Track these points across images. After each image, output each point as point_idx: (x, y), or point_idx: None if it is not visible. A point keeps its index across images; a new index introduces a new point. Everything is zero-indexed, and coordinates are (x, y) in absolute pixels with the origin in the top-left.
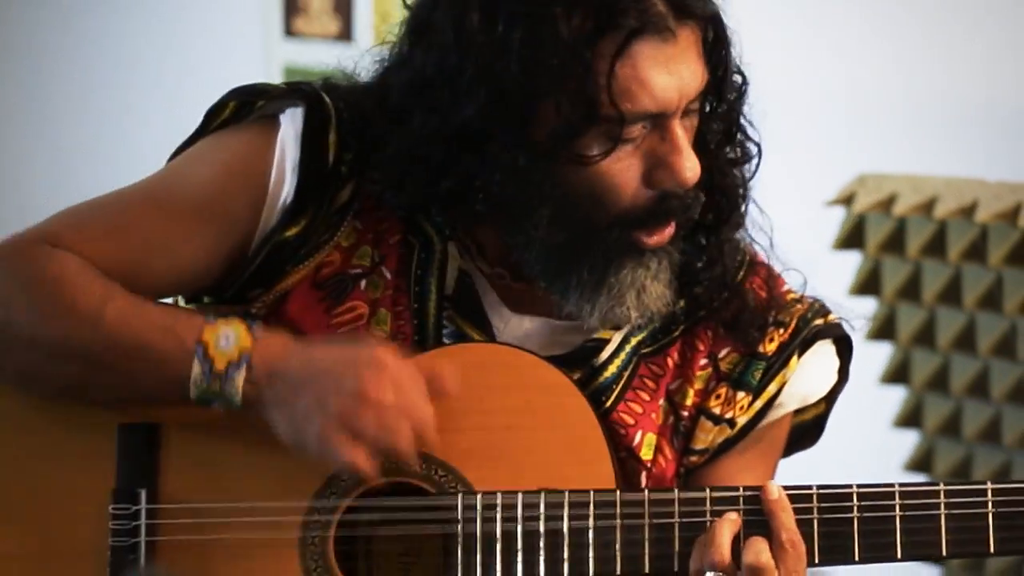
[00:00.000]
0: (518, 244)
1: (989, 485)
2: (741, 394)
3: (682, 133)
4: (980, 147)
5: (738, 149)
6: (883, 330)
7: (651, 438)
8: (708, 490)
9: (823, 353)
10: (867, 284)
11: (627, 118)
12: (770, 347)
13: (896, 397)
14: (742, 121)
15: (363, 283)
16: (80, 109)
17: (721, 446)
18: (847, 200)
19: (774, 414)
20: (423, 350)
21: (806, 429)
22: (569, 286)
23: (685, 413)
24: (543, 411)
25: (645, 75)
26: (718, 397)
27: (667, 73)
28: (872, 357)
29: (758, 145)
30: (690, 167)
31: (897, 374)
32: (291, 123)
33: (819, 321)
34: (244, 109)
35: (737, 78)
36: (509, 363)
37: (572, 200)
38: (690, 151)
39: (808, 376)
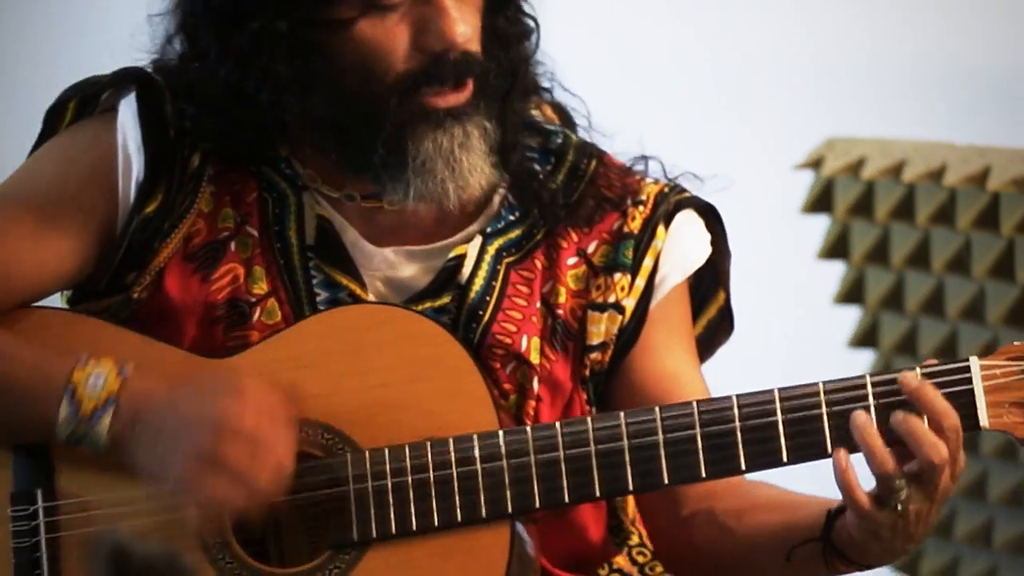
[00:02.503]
0: (316, 137)
1: (868, 377)
2: (618, 275)
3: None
4: (948, 110)
5: (511, 24)
6: (852, 294)
7: (536, 342)
8: (589, 420)
9: (690, 222)
10: (836, 248)
11: None
12: (634, 225)
13: (865, 361)
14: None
15: (233, 244)
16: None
17: (622, 339)
18: (815, 164)
19: (661, 291)
20: (298, 303)
21: (716, 324)
22: (376, 168)
23: (560, 312)
24: (420, 363)
25: None
26: (598, 288)
27: None
28: (841, 321)
29: (534, 20)
30: (460, 28)
31: (866, 338)
32: (128, 107)
33: (677, 196)
34: (88, 105)
35: None
36: (381, 320)
37: (344, 70)
38: (457, 13)
39: (681, 245)
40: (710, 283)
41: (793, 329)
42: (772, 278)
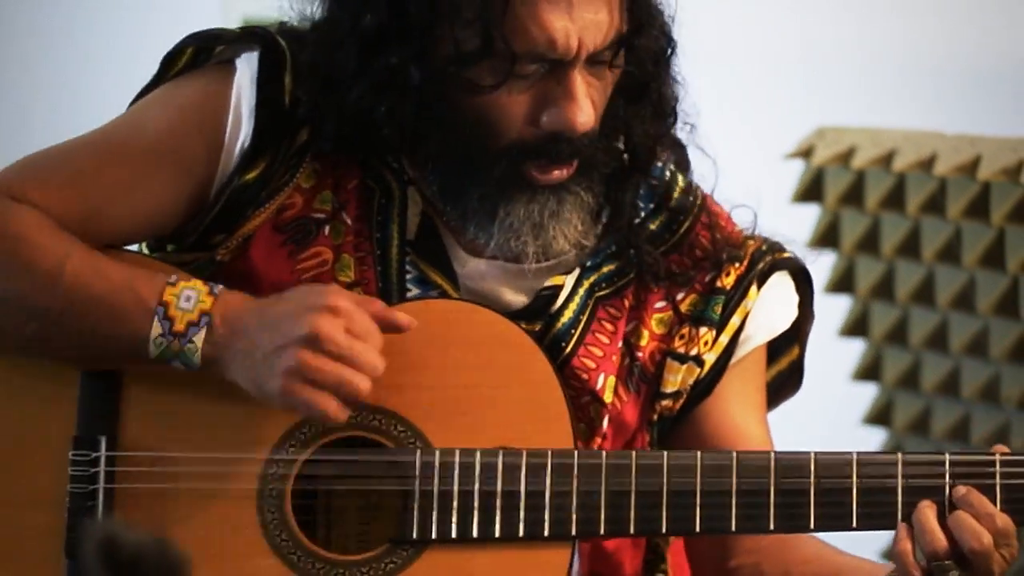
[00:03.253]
0: (422, 168)
1: (947, 456)
2: (704, 329)
3: (580, 82)
4: (939, 100)
5: (653, 106)
6: (842, 283)
7: (612, 381)
8: (665, 455)
9: (782, 285)
10: (826, 237)
11: (519, 56)
12: (727, 281)
13: (855, 350)
14: (663, 81)
15: (327, 229)
16: (37, 60)
17: (696, 389)
18: (806, 153)
19: (743, 349)
20: (387, 296)
21: (785, 377)
22: (466, 212)
23: (640, 355)
24: (504, 368)
25: (542, 17)
26: (682, 337)
27: (566, 18)
28: (831, 310)
29: (674, 104)
30: (582, 118)
31: (856, 327)
32: (247, 67)
33: (774, 255)
34: (201, 55)
35: (658, 35)
36: (471, 320)
37: (462, 124)
38: (585, 101)
39: (770, 307)
40: (787, 338)
41: None
42: None
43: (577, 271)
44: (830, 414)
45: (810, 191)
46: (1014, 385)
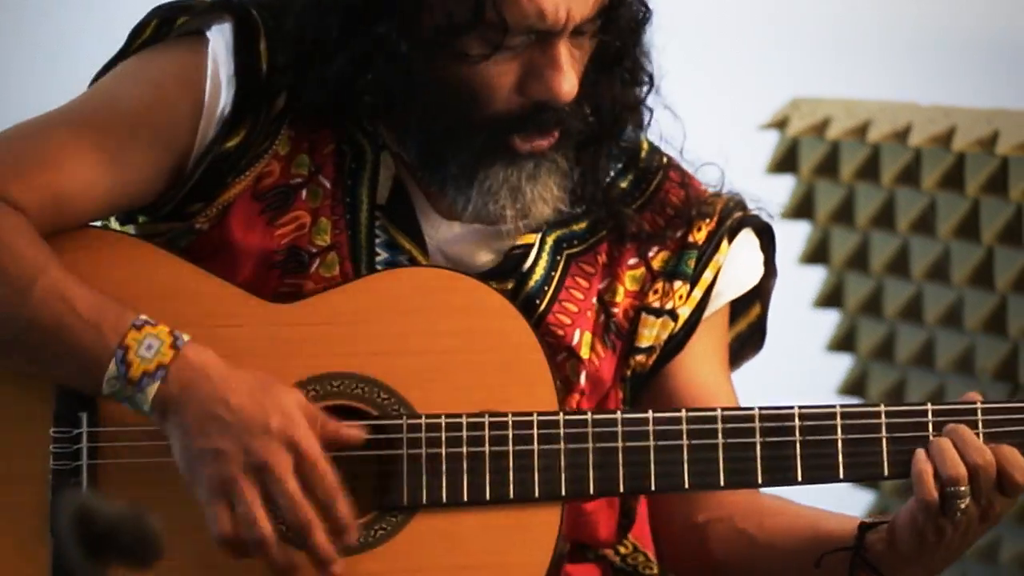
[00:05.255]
0: (401, 134)
1: (929, 406)
2: (678, 283)
3: (565, 52)
4: (914, 71)
5: (627, 74)
6: (816, 254)
7: (588, 337)
8: (651, 412)
9: (749, 242)
10: (801, 208)
11: (510, 28)
12: (699, 236)
13: (830, 321)
14: (637, 49)
15: (304, 192)
16: (9, 31)
17: (669, 345)
18: (781, 124)
19: (715, 304)
20: (357, 259)
21: (745, 337)
22: (445, 178)
23: (615, 311)
24: (484, 334)
25: None
26: (656, 292)
27: None
28: (807, 281)
29: (651, 76)
30: (567, 87)
31: (830, 298)
32: (221, 36)
33: (741, 212)
34: (164, 27)
35: (636, 3)
36: (450, 286)
37: (447, 94)
38: (570, 70)
39: (739, 263)
40: (748, 298)
41: None
42: None
43: (541, 228)
44: (805, 385)
45: (785, 162)
46: (989, 356)
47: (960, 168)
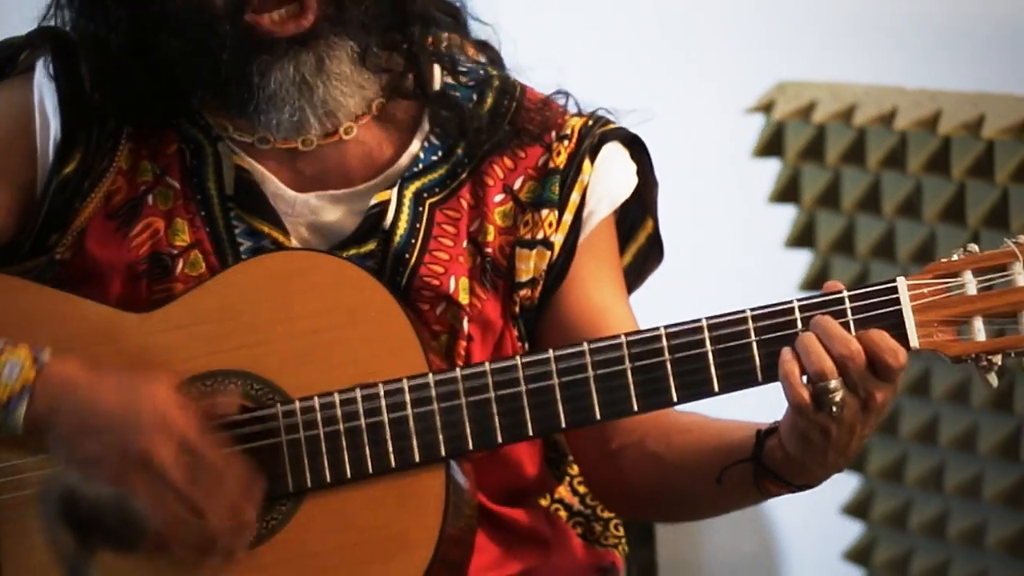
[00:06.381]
0: (202, 98)
1: (796, 302)
2: (546, 212)
3: None
4: (899, 55)
5: None
6: (802, 237)
7: (465, 282)
8: (519, 358)
9: (616, 155)
10: (786, 192)
11: None
12: (559, 160)
13: None
14: None
15: (150, 198)
16: None
17: (551, 273)
18: (766, 108)
19: (589, 224)
20: (221, 252)
21: (646, 250)
22: (239, 107)
23: (489, 250)
24: (346, 309)
25: None
26: (526, 224)
27: None
28: (792, 264)
29: None
30: None
31: (817, 281)
32: (43, 67)
33: (601, 128)
34: (5, 66)
35: None
36: (306, 267)
37: (179, 19)
38: None
39: (607, 178)
40: (638, 212)
41: (744, 273)
42: (722, 222)
43: (395, 182)
44: None
45: (770, 146)
46: None
47: (946, 152)
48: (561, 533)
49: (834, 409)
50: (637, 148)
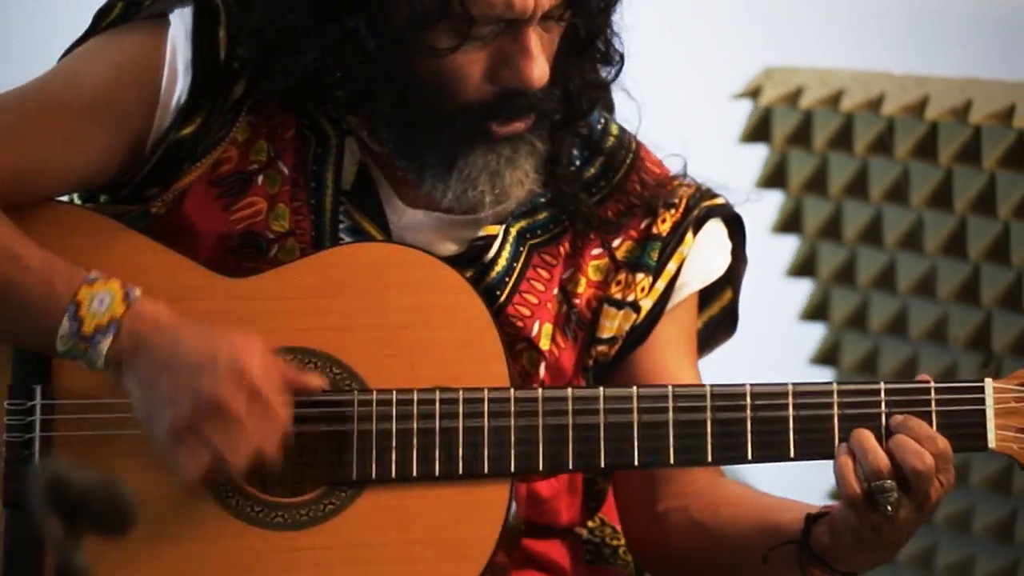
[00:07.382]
0: (374, 124)
1: (883, 385)
2: (640, 275)
3: (535, 39)
4: (886, 40)
5: (597, 55)
6: (789, 224)
7: (548, 328)
8: (602, 389)
9: (716, 232)
10: (773, 177)
11: (475, 18)
12: (663, 227)
13: (803, 291)
14: (608, 31)
15: (260, 178)
16: None
17: (632, 335)
18: (753, 93)
19: (679, 295)
20: (320, 244)
21: (718, 322)
22: (423, 167)
23: (578, 301)
24: (437, 310)
25: None
26: (618, 284)
27: None
28: (780, 250)
29: (621, 56)
30: (537, 73)
31: (804, 268)
32: (180, 22)
33: (708, 202)
34: (132, 8)
35: None
36: (405, 262)
37: (418, 86)
38: (540, 56)
39: (705, 254)
40: (720, 283)
41: None
42: None
43: (506, 219)
44: (777, 354)
45: (758, 131)
46: (961, 325)
47: (933, 137)
48: (576, 561)
49: (889, 508)
50: (735, 226)
